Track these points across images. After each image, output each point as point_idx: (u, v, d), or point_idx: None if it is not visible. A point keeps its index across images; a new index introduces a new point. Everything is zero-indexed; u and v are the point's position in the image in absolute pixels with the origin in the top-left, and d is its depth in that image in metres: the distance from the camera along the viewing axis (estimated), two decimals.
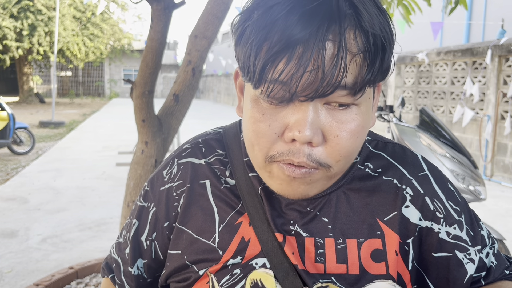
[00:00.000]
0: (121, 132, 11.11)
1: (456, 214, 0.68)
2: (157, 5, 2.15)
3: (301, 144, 0.54)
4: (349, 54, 0.50)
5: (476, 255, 0.68)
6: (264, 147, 0.56)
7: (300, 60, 0.49)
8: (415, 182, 0.68)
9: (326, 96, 0.51)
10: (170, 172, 0.72)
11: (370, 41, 0.51)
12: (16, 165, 6.99)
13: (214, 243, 0.65)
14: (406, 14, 2.81)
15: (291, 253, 0.63)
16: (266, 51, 0.50)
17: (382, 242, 0.64)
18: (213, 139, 0.73)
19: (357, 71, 0.51)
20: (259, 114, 0.56)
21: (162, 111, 2.42)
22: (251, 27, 0.52)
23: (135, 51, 23.70)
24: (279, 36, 0.49)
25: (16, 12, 16.61)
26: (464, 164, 2.51)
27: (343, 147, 0.55)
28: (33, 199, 4.97)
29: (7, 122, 7.50)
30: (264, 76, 0.52)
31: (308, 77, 0.49)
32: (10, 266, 3.22)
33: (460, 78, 7.00)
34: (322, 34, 0.48)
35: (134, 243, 0.74)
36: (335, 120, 0.54)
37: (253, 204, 0.65)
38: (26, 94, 20.44)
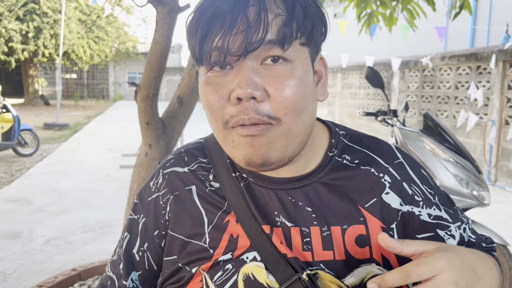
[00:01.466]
0: (125, 134, 11.14)
1: (431, 196, 0.73)
2: (162, 9, 2.16)
3: (247, 101, 0.59)
4: (271, 14, 0.58)
5: (457, 231, 0.73)
6: (218, 115, 0.62)
7: (230, 26, 0.57)
8: (392, 169, 0.72)
9: (254, 50, 0.58)
10: (156, 183, 0.76)
11: (289, 4, 0.60)
12: (21, 167, 7.02)
13: (206, 243, 0.68)
14: (411, 18, 2.81)
15: (279, 243, 0.65)
16: (201, 25, 0.59)
17: (365, 227, 0.68)
18: (194, 148, 0.77)
19: (279, 27, 0.59)
20: (208, 87, 0.62)
21: (166, 114, 2.43)
22: (193, 15, 0.62)
23: (140, 54, 23.77)
24: (210, 13, 0.59)
25: (22, 14, 16.72)
26: (468, 169, 2.50)
27: (285, 98, 0.60)
28: (37, 201, 4.99)
29: (12, 123, 7.54)
30: (204, 49, 0.60)
31: (237, 38, 0.57)
32: (13, 268, 3.23)
33: (464, 83, 6.98)
34: (245, 1, 0.58)
35: (127, 256, 0.76)
36: (272, 76, 0.60)
37: (238, 202, 0.68)
38: (31, 96, 20.54)
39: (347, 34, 7.39)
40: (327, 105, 12.29)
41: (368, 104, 9.91)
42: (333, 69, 11.76)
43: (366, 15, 2.99)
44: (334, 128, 0.76)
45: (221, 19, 0.58)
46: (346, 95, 11.11)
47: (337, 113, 11.62)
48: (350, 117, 10.90)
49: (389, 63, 8.50)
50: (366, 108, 9.98)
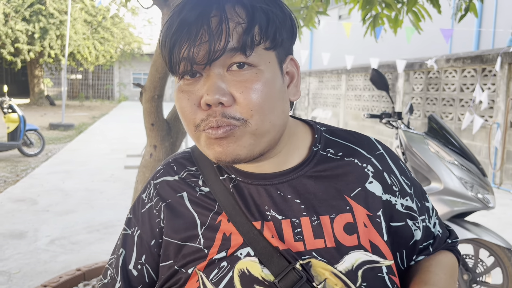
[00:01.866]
0: (129, 135, 11.18)
1: (407, 187, 0.78)
2: (167, 10, 2.17)
3: (215, 106, 0.63)
4: (232, 23, 0.62)
5: (421, 223, 0.78)
6: (190, 120, 0.66)
7: (194, 36, 0.61)
8: (374, 160, 0.77)
9: (217, 59, 0.62)
10: (148, 193, 0.79)
11: (249, 10, 0.63)
12: (26, 167, 7.06)
13: (200, 244, 0.71)
14: (416, 21, 2.81)
15: (270, 237, 0.68)
16: (170, 39, 0.63)
17: (352, 215, 0.71)
18: (182, 157, 0.81)
19: (241, 35, 0.62)
20: (180, 94, 0.66)
21: (171, 115, 2.44)
22: (164, 29, 0.66)
23: (145, 54, 23.84)
24: (177, 25, 0.63)
25: (29, 15, 16.82)
26: (472, 172, 2.49)
27: (250, 101, 0.63)
28: (42, 201, 5.02)
29: (17, 124, 7.59)
30: (172, 60, 0.64)
31: (201, 48, 0.61)
32: (18, 267, 3.25)
33: (470, 85, 6.96)
34: (207, 12, 0.61)
35: (123, 274, 0.77)
36: (237, 80, 0.63)
37: (228, 203, 0.71)
38: (36, 96, 20.65)
39: (352, 36, 7.39)
40: (331, 107, 12.28)
41: (373, 106, 9.89)
42: (337, 70, 11.75)
43: (371, 17, 2.99)
44: (315, 125, 0.80)
45: (187, 31, 0.61)
46: (351, 97, 11.09)
47: (341, 115, 11.61)
48: (354, 119, 10.88)
49: (394, 65, 8.48)
50: (371, 110, 9.96)
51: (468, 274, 2.42)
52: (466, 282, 2.41)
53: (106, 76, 29.89)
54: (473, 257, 2.49)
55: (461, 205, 2.43)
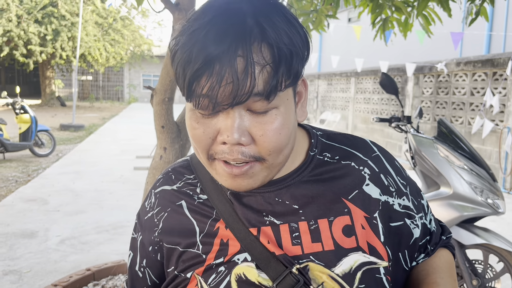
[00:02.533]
0: (139, 136, 11.25)
1: (403, 187, 0.79)
2: (178, 14, 2.19)
3: (232, 145, 0.62)
4: (258, 66, 0.58)
5: (419, 221, 0.79)
6: (204, 150, 0.66)
7: (218, 75, 0.58)
8: (370, 162, 0.78)
9: (243, 103, 0.59)
10: (150, 202, 0.81)
11: (275, 53, 0.59)
12: (37, 167, 7.14)
13: (199, 250, 0.72)
14: (426, 24, 2.80)
15: (267, 243, 0.69)
16: (190, 70, 0.59)
17: (350, 218, 0.72)
18: (180, 166, 0.82)
19: (267, 80, 0.59)
20: (195, 122, 0.65)
21: (181, 118, 2.47)
22: (178, 50, 0.61)
23: (155, 56, 23.99)
24: (199, 56, 0.58)
25: (41, 17, 17.02)
26: (482, 177, 2.48)
27: (269, 143, 0.63)
28: (53, 201, 5.07)
29: (29, 124, 7.68)
30: (192, 91, 0.61)
31: (225, 89, 0.58)
32: (29, 266, 3.29)
33: (480, 89, 6.91)
34: (233, 51, 0.57)
35: (132, 274, 0.83)
36: (258, 122, 0.62)
37: (226, 210, 0.73)
38: (48, 97, 20.87)
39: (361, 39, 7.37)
40: (340, 110, 12.25)
41: (382, 109, 9.85)
42: (346, 73, 11.73)
43: (381, 20, 2.99)
44: (311, 130, 0.81)
45: (210, 67, 0.58)
46: (360, 100, 11.06)
47: (350, 118, 11.57)
48: (363, 122, 10.85)
49: (403, 69, 8.45)
50: (380, 113, 9.92)
51: (477, 279, 2.41)
52: None
53: (116, 77, 30.11)
54: (482, 262, 2.48)
55: (470, 210, 2.41)
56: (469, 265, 2.45)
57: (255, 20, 0.59)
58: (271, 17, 0.60)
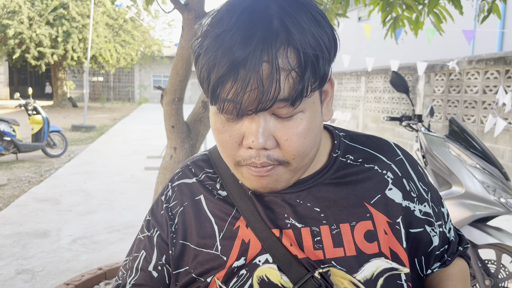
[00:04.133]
0: (149, 136, 11.31)
1: (425, 193, 0.77)
2: (188, 14, 2.20)
3: (258, 150, 0.62)
4: (283, 72, 0.57)
5: (438, 229, 0.77)
6: (230, 154, 0.65)
7: (242, 81, 0.56)
8: (394, 166, 0.76)
9: (267, 109, 0.58)
10: (166, 195, 0.79)
11: (301, 58, 0.57)
12: (49, 167, 7.22)
13: (218, 251, 0.70)
14: (438, 22, 2.78)
15: (289, 245, 0.68)
16: (215, 74, 0.57)
17: (372, 223, 0.70)
18: (200, 160, 0.81)
19: (291, 86, 0.58)
20: (221, 126, 0.64)
21: (191, 118, 2.47)
22: (203, 53, 0.59)
23: (165, 57, 24.11)
24: (224, 61, 0.56)
25: (52, 19, 17.21)
26: (495, 176, 2.45)
27: (294, 147, 0.62)
28: (65, 201, 5.12)
29: (42, 125, 7.77)
30: (216, 96, 0.59)
31: (250, 95, 0.57)
32: (41, 266, 3.33)
33: (492, 87, 6.83)
34: (258, 57, 0.55)
35: (143, 276, 0.76)
36: (283, 126, 0.61)
37: (247, 208, 0.71)
38: (60, 98, 21.09)
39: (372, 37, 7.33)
40: (350, 109, 12.19)
41: (393, 108, 9.79)
42: (357, 72, 11.67)
43: (392, 19, 2.97)
44: (334, 131, 0.79)
45: (235, 72, 0.56)
46: (370, 99, 11.00)
47: (360, 117, 11.51)
48: (374, 121, 10.79)
49: (414, 67, 8.38)
50: (391, 113, 9.85)
51: (490, 279, 2.38)
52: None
53: (127, 78, 30.32)
54: (495, 262, 2.45)
55: (483, 209, 2.39)
56: (481, 265, 2.42)
57: (282, 23, 0.57)
58: (298, 18, 0.58)
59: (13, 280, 3.08)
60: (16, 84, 29.99)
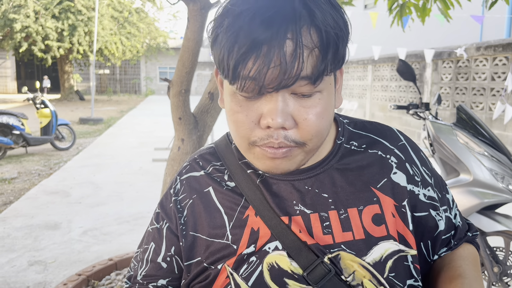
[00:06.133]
0: (157, 128, 11.35)
1: (428, 177, 0.78)
2: (193, 6, 2.20)
3: (276, 129, 0.61)
4: (306, 49, 0.57)
5: (443, 214, 0.78)
6: (245, 134, 0.64)
7: (265, 58, 0.56)
8: (397, 150, 0.78)
9: (289, 86, 0.59)
10: (174, 188, 0.80)
11: (323, 37, 0.58)
12: (59, 160, 7.28)
13: (228, 240, 0.71)
14: (445, 8, 2.75)
15: (298, 232, 0.69)
16: (236, 52, 0.57)
17: (379, 206, 0.72)
18: (207, 153, 0.82)
19: (314, 64, 0.58)
20: (237, 106, 0.63)
21: (198, 109, 2.48)
22: (222, 32, 0.59)
23: (170, 49, 24.08)
24: (246, 38, 0.56)
25: (58, 12, 17.23)
26: (503, 163, 2.44)
27: (313, 127, 0.63)
28: (75, 193, 5.18)
29: (50, 119, 7.82)
30: (237, 74, 0.59)
31: (273, 72, 0.57)
32: (53, 257, 3.38)
33: (501, 74, 6.75)
34: (282, 34, 0.56)
35: (153, 267, 0.79)
36: (302, 106, 0.62)
37: (256, 197, 0.72)
38: (67, 91, 21.19)
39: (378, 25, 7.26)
40: (357, 98, 12.13)
41: (400, 97, 9.72)
42: (363, 61, 11.59)
43: (398, 6, 2.94)
44: (338, 118, 0.81)
45: (257, 49, 0.56)
46: (377, 88, 10.93)
47: (367, 106, 11.46)
48: (381, 110, 10.73)
49: (421, 55, 8.30)
50: (398, 101, 9.79)
51: (499, 266, 2.38)
52: (497, 275, 2.38)
53: (133, 70, 30.35)
54: (503, 249, 2.45)
55: (491, 196, 2.38)
56: (490, 252, 2.42)
57: (303, 3, 0.58)
58: (317, 1, 0.60)
59: (26, 272, 3.13)
60: (24, 78, 30.16)
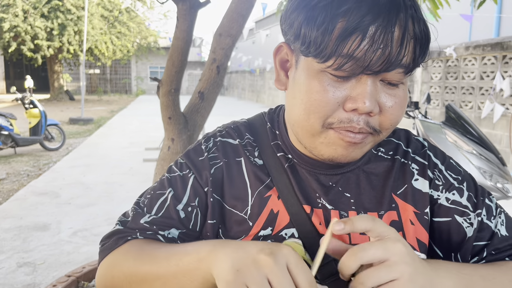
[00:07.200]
0: (147, 128, 11.30)
1: (456, 182, 0.75)
2: (182, 5, 2.19)
3: (361, 114, 0.61)
4: (410, 39, 0.58)
5: (475, 219, 0.72)
6: (324, 115, 0.62)
7: (372, 39, 0.56)
8: (419, 157, 0.77)
9: (390, 71, 0.59)
10: (207, 146, 0.77)
11: (422, 29, 0.59)
12: (48, 161, 7.22)
13: (246, 215, 0.71)
14: (434, 8, 2.77)
15: (318, 224, 0.69)
16: (341, 29, 0.57)
17: (397, 213, 0.71)
18: (243, 126, 0.80)
19: (412, 53, 0.59)
20: (321, 85, 0.61)
21: (188, 109, 2.47)
22: (323, 9, 0.58)
23: (161, 48, 23.99)
24: (354, 18, 0.56)
25: (47, 12, 17.07)
26: (491, 161, 2.46)
27: (395, 116, 0.64)
28: (64, 194, 5.14)
29: (39, 119, 7.75)
30: (338, 51, 0.57)
31: (379, 54, 0.57)
32: (43, 258, 3.35)
33: (490, 73, 6.82)
34: (392, 19, 0.56)
35: (169, 212, 0.73)
36: (388, 94, 0.62)
37: (281, 180, 0.72)
38: (56, 91, 21.01)
39: None
40: None
41: None
42: None
43: None
44: None
45: (364, 29, 0.56)
46: None
47: None
48: None
49: None
50: None
51: None
52: None
53: (123, 70, 30.20)
54: None
55: None
56: None
57: None
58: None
59: (15, 273, 3.10)
60: (12, 78, 29.85)
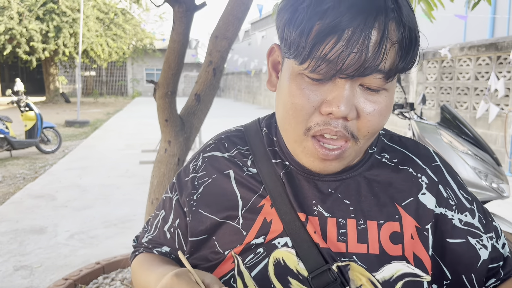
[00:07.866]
0: (144, 130, 11.28)
1: (468, 202, 0.73)
2: (179, 8, 2.20)
3: (337, 118, 0.60)
4: (390, 43, 0.56)
5: (488, 241, 0.72)
6: (302, 120, 0.61)
7: (348, 42, 0.54)
8: (429, 171, 0.73)
9: (365, 76, 0.57)
10: (195, 164, 0.78)
11: (406, 34, 0.57)
12: (44, 164, 7.19)
13: (239, 224, 0.70)
14: (428, 9, 2.78)
15: (313, 232, 0.67)
16: (317, 31, 0.55)
17: (399, 225, 0.68)
18: (234, 135, 0.80)
19: (393, 59, 0.57)
20: (299, 89, 0.61)
21: (184, 111, 2.48)
22: (303, 10, 0.57)
23: (157, 50, 23.96)
24: (330, 20, 0.55)
25: (42, 14, 17.02)
26: (486, 162, 2.48)
27: (373, 123, 0.61)
28: (61, 197, 5.12)
29: (35, 121, 7.72)
30: (313, 53, 0.56)
31: (353, 58, 0.55)
32: (39, 261, 3.34)
33: (484, 74, 6.86)
34: (370, 22, 0.54)
35: (159, 234, 0.82)
36: (368, 100, 0.60)
37: (275, 188, 0.70)
38: (52, 94, 20.93)
39: None
40: None
41: None
42: None
43: None
44: None
45: (340, 31, 0.54)
46: None
47: None
48: None
49: None
50: None
51: None
52: None
53: (119, 72, 30.13)
54: None
55: (475, 195, 2.42)
56: None
57: None
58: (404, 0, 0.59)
59: (12, 277, 3.09)
60: (8, 81, 29.71)
